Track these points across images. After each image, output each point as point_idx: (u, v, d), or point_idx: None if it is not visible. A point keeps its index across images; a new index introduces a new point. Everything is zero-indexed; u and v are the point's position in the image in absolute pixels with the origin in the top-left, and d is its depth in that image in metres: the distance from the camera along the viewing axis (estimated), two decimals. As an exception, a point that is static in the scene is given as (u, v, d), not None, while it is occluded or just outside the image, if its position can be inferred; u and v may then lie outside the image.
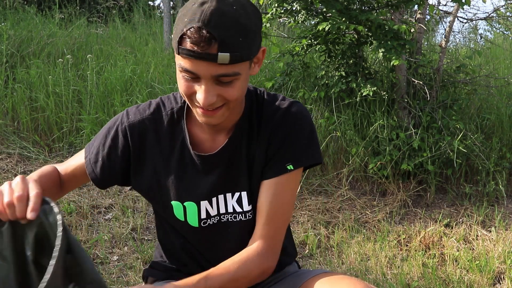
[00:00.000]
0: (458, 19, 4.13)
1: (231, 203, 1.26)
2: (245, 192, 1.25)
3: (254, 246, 1.21)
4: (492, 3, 8.90)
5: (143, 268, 2.31)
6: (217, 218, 1.26)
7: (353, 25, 3.18)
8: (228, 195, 1.25)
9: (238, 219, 1.26)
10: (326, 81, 3.53)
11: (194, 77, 1.06)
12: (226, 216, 1.26)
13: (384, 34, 3.23)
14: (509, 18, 5.53)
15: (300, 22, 3.58)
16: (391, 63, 3.22)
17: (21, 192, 1.03)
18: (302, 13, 3.48)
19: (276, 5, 3.49)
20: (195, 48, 1.01)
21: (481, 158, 3.32)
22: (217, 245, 1.29)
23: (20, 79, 3.85)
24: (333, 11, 3.27)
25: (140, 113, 1.24)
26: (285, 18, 3.85)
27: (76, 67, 4.07)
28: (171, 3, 6.84)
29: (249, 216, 1.26)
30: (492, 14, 4.52)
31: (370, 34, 3.44)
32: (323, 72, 3.56)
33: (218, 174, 1.23)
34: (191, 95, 1.10)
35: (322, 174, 3.41)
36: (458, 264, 2.61)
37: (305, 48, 3.64)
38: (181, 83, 1.09)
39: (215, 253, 1.29)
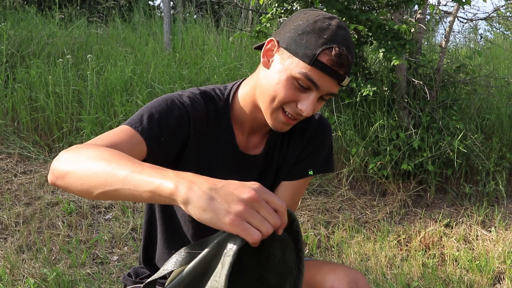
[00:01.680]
0: (458, 19, 4.13)
1: None
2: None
3: None
4: (492, 3, 8.91)
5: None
6: None
7: (353, 25, 3.18)
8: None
9: None
10: (326, 81, 3.53)
11: (307, 88, 1.11)
12: None
13: (384, 34, 3.23)
14: (509, 18, 5.53)
15: (300, 22, 3.57)
16: (391, 63, 3.22)
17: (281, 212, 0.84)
18: (302, 13, 3.47)
19: (276, 5, 3.49)
20: (335, 67, 1.09)
21: (481, 158, 3.32)
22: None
23: (20, 79, 3.85)
24: (334, 10, 3.27)
25: (198, 103, 1.22)
26: (285, 18, 3.84)
27: (76, 67, 4.07)
28: (171, 3, 6.84)
29: None
30: (492, 14, 4.52)
31: (370, 34, 3.44)
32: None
33: (255, 175, 1.31)
34: (290, 102, 1.13)
35: (322, 174, 3.41)
36: (458, 264, 2.61)
37: (305, 48, 3.64)
38: (286, 89, 1.12)
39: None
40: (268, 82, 1.15)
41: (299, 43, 1.11)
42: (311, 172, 1.33)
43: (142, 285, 1.35)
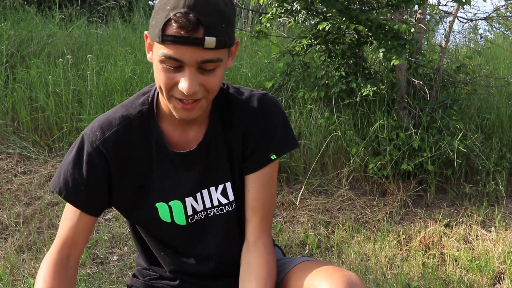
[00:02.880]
0: (458, 19, 4.13)
1: (216, 196, 1.27)
2: (229, 183, 1.27)
3: (261, 247, 1.24)
4: (492, 3, 8.90)
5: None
6: (203, 213, 1.27)
7: (353, 25, 3.18)
8: (212, 189, 1.26)
9: (225, 211, 1.28)
10: (326, 81, 3.53)
11: (177, 66, 1.06)
12: (213, 210, 1.27)
13: (384, 34, 3.23)
14: (509, 18, 5.53)
15: (300, 22, 3.58)
16: (391, 63, 3.22)
17: None
18: (302, 13, 3.47)
19: (276, 5, 3.49)
20: (182, 32, 1.01)
21: (481, 158, 3.32)
22: (205, 240, 1.30)
23: (20, 79, 3.85)
24: (333, 10, 3.27)
25: (108, 127, 1.20)
26: (285, 18, 3.85)
27: (76, 67, 4.07)
28: (171, 3, 6.82)
29: (234, 206, 1.28)
30: (492, 14, 4.52)
31: (370, 34, 3.44)
32: (323, 72, 3.56)
33: (200, 169, 1.24)
34: (172, 86, 1.08)
35: (322, 174, 3.41)
36: (458, 264, 2.61)
37: (305, 48, 3.65)
38: (161, 76, 1.08)
39: (202, 249, 1.30)
40: (154, 74, 1.12)
41: (152, 26, 1.07)
42: (273, 156, 1.25)
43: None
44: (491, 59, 5.00)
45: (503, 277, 2.50)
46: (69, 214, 1.23)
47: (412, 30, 3.55)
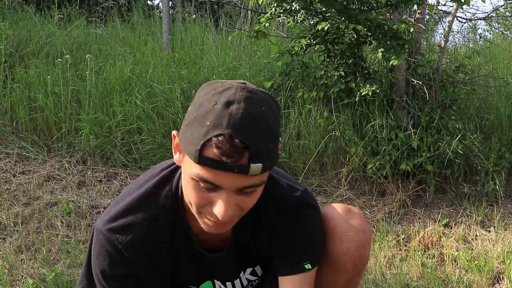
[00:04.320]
0: (457, 19, 4.13)
1: (245, 277, 1.25)
2: (258, 266, 1.25)
3: None
4: (491, 3, 8.90)
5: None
6: None
7: (352, 25, 3.17)
8: (241, 274, 1.24)
9: (255, 284, 1.29)
10: (325, 81, 3.53)
11: (212, 188, 0.93)
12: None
13: (383, 34, 3.23)
14: (508, 18, 5.53)
15: (299, 21, 3.57)
16: (390, 63, 3.22)
17: None
18: (301, 12, 3.47)
19: (275, 4, 3.48)
20: (225, 159, 0.87)
21: (480, 158, 3.32)
22: None
23: (19, 79, 3.84)
24: (333, 10, 3.27)
25: (130, 228, 1.08)
26: (284, 18, 3.84)
27: (75, 67, 4.07)
28: (170, 3, 6.83)
29: (263, 277, 1.29)
30: (491, 14, 4.52)
31: (369, 34, 3.44)
32: (322, 72, 3.56)
33: (230, 264, 1.20)
34: (205, 206, 0.97)
35: (321, 174, 3.41)
36: (457, 264, 2.61)
37: (304, 48, 3.64)
38: (193, 194, 0.95)
39: None
40: (183, 183, 1.00)
41: (186, 137, 0.92)
42: (308, 266, 1.15)
43: None
44: (490, 59, 4.99)
45: (502, 277, 2.50)
46: None
47: (411, 30, 3.55)
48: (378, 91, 3.37)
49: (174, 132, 1.01)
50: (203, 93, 0.94)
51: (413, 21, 3.64)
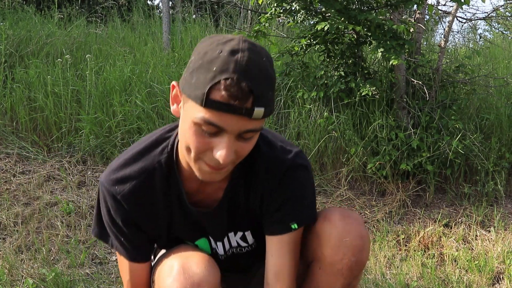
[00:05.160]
0: (457, 19, 4.13)
1: (235, 239, 1.29)
2: (249, 231, 1.29)
3: None
4: (491, 3, 8.91)
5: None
6: (226, 254, 1.33)
7: (352, 26, 3.18)
8: (231, 234, 1.28)
9: (244, 251, 1.33)
10: (325, 81, 3.53)
11: (214, 132, 0.98)
12: (232, 249, 1.32)
13: (383, 34, 3.23)
14: (508, 18, 5.53)
15: (299, 22, 3.57)
16: (390, 63, 3.22)
17: None
18: (301, 12, 3.47)
19: (275, 4, 3.48)
20: (231, 101, 0.92)
21: (480, 158, 3.32)
22: (226, 268, 1.34)
23: (19, 79, 3.84)
24: (332, 10, 3.27)
25: (127, 180, 1.16)
26: (284, 18, 3.84)
27: (75, 67, 4.07)
28: (170, 3, 6.83)
29: (254, 246, 1.32)
30: (491, 14, 4.52)
31: (369, 34, 3.44)
32: (322, 72, 3.56)
33: (220, 223, 1.24)
34: (205, 151, 1.01)
35: (321, 174, 3.41)
36: (457, 264, 2.61)
37: (304, 48, 3.64)
38: (193, 138, 0.99)
39: (227, 270, 1.35)
40: (181, 133, 1.04)
41: (190, 83, 0.97)
42: (294, 226, 1.20)
43: None
44: (490, 59, 5.00)
45: (502, 277, 2.50)
46: (124, 265, 1.25)
47: (411, 30, 3.55)
48: (377, 92, 3.37)
49: (174, 83, 1.05)
50: (206, 44, 0.99)
51: (413, 21, 3.64)
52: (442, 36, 3.88)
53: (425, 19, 3.89)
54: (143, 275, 1.26)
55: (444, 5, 4.63)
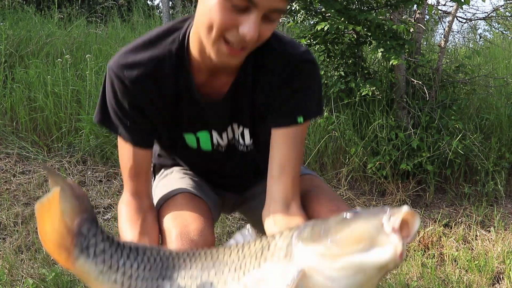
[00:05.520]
0: (457, 19, 4.13)
1: (237, 133, 1.31)
2: (248, 129, 1.29)
3: (295, 210, 1.22)
4: (491, 3, 8.91)
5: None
6: (226, 145, 1.33)
7: (352, 25, 3.18)
8: (235, 126, 1.29)
9: (244, 150, 1.33)
10: (325, 81, 3.53)
11: (244, 8, 0.98)
12: (233, 141, 1.33)
13: (383, 34, 3.23)
14: (508, 18, 5.53)
15: (299, 22, 3.57)
16: (390, 63, 3.22)
17: None
18: (301, 13, 3.47)
19: (275, 5, 3.48)
20: None
21: (480, 158, 3.32)
22: (224, 165, 1.39)
23: (19, 79, 3.84)
24: (332, 11, 3.27)
25: (136, 66, 1.17)
26: (284, 18, 3.84)
27: (75, 67, 4.07)
28: (170, 2, 6.83)
29: (250, 148, 1.33)
30: (491, 14, 4.52)
31: (369, 34, 3.44)
32: (322, 72, 3.56)
33: (224, 113, 1.25)
34: (228, 29, 1.00)
35: (321, 174, 3.41)
36: (457, 264, 2.61)
37: (304, 48, 3.64)
38: (220, 15, 0.99)
39: (223, 170, 1.41)
40: (203, 11, 1.03)
41: None
42: (300, 119, 1.21)
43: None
44: (490, 59, 5.00)
45: (502, 277, 2.50)
46: (126, 153, 1.25)
47: (411, 30, 3.55)
48: (379, 92, 3.37)
49: None
50: None
51: (413, 21, 3.64)
52: (442, 36, 3.88)
53: (425, 19, 3.89)
54: (145, 162, 1.26)
55: (444, 5, 4.63)
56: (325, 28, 3.16)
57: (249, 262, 0.94)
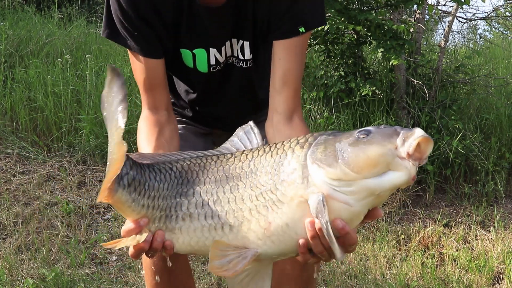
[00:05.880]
0: (457, 19, 4.13)
1: (236, 48, 1.29)
2: (248, 42, 1.27)
3: (298, 121, 1.24)
4: (491, 3, 8.90)
5: (141, 268, 2.31)
6: (224, 63, 1.31)
7: (352, 25, 3.17)
8: (234, 41, 1.28)
9: (239, 65, 1.31)
10: (325, 81, 3.53)
11: None
12: (232, 59, 1.31)
13: (383, 34, 3.23)
14: (508, 18, 5.53)
15: (299, 22, 3.57)
16: (390, 63, 3.22)
17: None
18: (301, 13, 3.47)
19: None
20: None
21: (480, 158, 3.31)
22: (222, 89, 1.37)
23: (19, 79, 3.84)
24: (332, 10, 3.27)
25: None
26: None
27: (75, 67, 4.07)
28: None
29: (249, 64, 1.31)
30: (491, 14, 4.52)
31: (369, 34, 3.44)
32: (322, 72, 3.56)
33: (226, 22, 1.24)
34: None
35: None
36: (457, 264, 2.61)
37: (304, 48, 3.64)
38: None
39: (218, 99, 1.39)
40: None
41: None
42: (302, 29, 1.21)
43: None
44: (490, 59, 5.00)
45: (502, 277, 2.50)
46: (139, 65, 1.26)
47: (411, 30, 3.55)
48: (380, 91, 3.37)
49: None
50: None
51: (413, 21, 3.64)
52: (442, 36, 3.88)
53: (425, 19, 3.89)
54: (158, 73, 1.26)
55: (444, 5, 4.63)
56: (325, 28, 3.16)
57: (263, 179, 0.95)
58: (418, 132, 0.88)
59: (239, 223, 0.95)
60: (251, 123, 1.04)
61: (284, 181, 0.92)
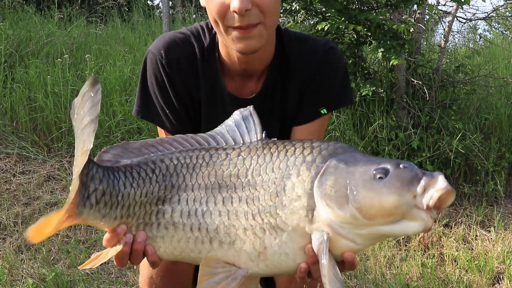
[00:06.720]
0: (457, 19, 4.13)
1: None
2: (275, 139, 1.28)
3: None
4: (491, 3, 8.90)
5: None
6: None
7: (352, 25, 3.17)
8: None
9: None
10: (325, 81, 3.53)
11: None
12: None
13: (383, 34, 3.23)
14: (508, 18, 5.53)
15: (299, 21, 3.57)
16: (390, 63, 3.22)
17: None
18: (301, 12, 3.47)
19: (275, 5, 3.48)
20: None
21: (480, 158, 3.31)
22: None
23: (19, 79, 3.84)
24: (332, 10, 3.27)
25: (176, 49, 1.22)
26: (284, 18, 3.84)
27: (75, 67, 4.07)
28: (170, 2, 6.83)
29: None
30: (491, 14, 4.52)
31: (369, 34, 3.44)
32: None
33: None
34: (225, 14, 1.06)
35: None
36: (457, 264, 2.61)
37: (304, 48, 3.64)
38: (213, 5, 1.06)
39: None
40: (208, 11, 1.13)
41: None
42: (324, 111, 1.21)
43: None
44: (490, 59, 5.00)
45: (502, 277, 2.50)
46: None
47: (411, 30, 3.55)
48: (381, 91, 3.37)
49: None
50: None
51: (413, 21, 3.64)
52: (442, 36, 3.88)
53: (425, 19, 3.89)
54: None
55: (444, 5, 4.63)
56: (325, 28, 3.16)
57: (262, 197, 0.87)
58: (441, 183, 0.81)
59: (231, 240, 0.88)
60: (250, 107, 0.97)
61: (286, 207, 0.85)
